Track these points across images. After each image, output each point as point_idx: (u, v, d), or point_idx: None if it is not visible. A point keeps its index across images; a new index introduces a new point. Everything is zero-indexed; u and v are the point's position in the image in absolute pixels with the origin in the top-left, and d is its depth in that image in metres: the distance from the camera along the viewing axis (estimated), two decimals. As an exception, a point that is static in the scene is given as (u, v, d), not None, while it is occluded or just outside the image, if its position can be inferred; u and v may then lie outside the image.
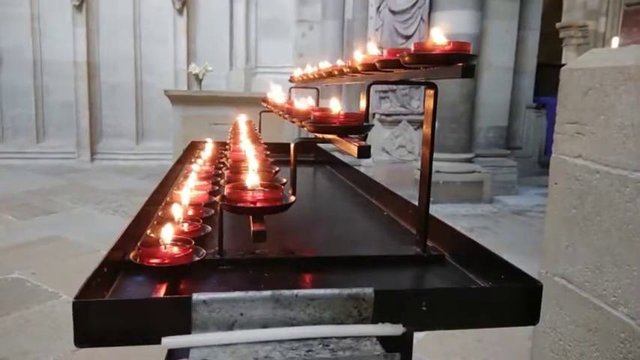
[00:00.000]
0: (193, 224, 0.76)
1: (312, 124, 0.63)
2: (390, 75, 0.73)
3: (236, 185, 0.65)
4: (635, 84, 1.56)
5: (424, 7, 4.94)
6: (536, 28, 5.86)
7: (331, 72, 1.07)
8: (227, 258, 0.70)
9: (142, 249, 0.64)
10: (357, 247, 0.83)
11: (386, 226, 0.95)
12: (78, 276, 0.60)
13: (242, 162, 0.85)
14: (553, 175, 1.97)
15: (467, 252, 0.74)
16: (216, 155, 1.40)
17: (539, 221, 4.56)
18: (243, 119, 1.59)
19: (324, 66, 1.19)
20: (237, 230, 0.76)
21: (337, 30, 5.61)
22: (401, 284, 0.69)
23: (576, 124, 1.82)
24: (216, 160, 1.32)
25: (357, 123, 0.62)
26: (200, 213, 0.83)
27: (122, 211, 4.62)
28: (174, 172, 1.34)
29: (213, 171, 1.16)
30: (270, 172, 0.78)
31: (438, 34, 0.61)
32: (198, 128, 5.78)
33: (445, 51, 0.60)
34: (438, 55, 0.60)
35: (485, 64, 5.36)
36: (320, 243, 0.82)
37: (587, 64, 1.79)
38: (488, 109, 5.51)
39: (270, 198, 0.60)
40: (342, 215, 1.07)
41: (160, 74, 6.63)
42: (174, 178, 1.27)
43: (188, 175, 1.04)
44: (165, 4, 6.47)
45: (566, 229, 1.87)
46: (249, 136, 1.17)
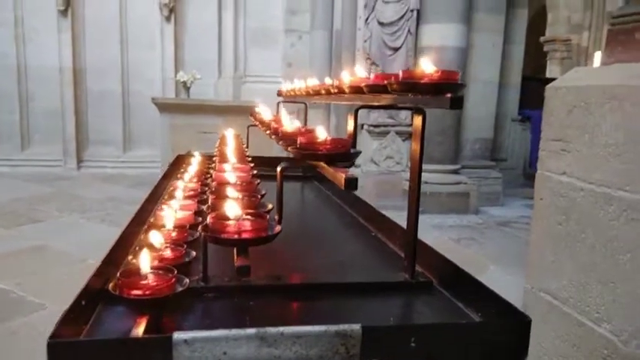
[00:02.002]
0: (177, 250, 0.74)
1: (298, 150, 0.62)
2: (377, 98, 0.73)
3: (219, 215, 0.64)
4: (620, 103, 1.58)
5: (412, 20, 4.98)
6: (521, 42, 5.96)
7: (319, 90, 1.06)
8: (211, 286, 0.68)
9: (122, 279, 0.62)
10: (345, 271, 0.82)
11: (374, 248, 0.95)
12: (64, 286, 0.59)
13: (227, 185, 0.84)
14: (538, 191, 1.99)
15: (455, 279, 0.74)
16: (202, 170, 1.39)
17: (524, 232, 4.60)
18: (230, 133, 1.58)
19: (312, 82, 1.18)
20: (222, 253, 0.74)
21: (326, 40, 5.63)
22: (390, 314, 0.68)
23: (561, 141, 1.84)
24: (203, 176, 1.31)
25: (343, 150, 0.61)
26: (185, 236, 0.81)
27: (109, 220, 4.56)
28: (160, 188, 1.33)
29: (199, 188, 1.15)
30: (255, 197, 0.77)
31: (426, 63, 0.61)
32: (186, 136, 5.76)
33: (433, 80, 0.60)
34: (426, 84, 0.60)
35: (472, 78, 5.41)
36: (307, 267, 0.81)
37: (572, 82, 1.81)
38: (474, 121, 5.57)
39: (255, 228, 0.59)
40: (330, 236, 1.06)
41: (148, 81, 6.58)
42: (160, 194, 1.25)
43: (173, 193, 1.03)
44: (153, 11, 6.44)
45: (551, 245, 1.88)
46: (236, 154, 1.16)
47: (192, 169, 1.27)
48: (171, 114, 5.82)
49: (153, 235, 0.73)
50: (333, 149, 0.60)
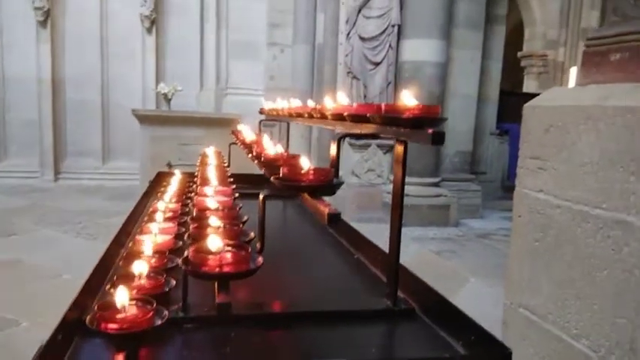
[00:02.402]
0: (156, 278, 0.73)
1: (281, 181, 0.62)
2: (360, 127, 0.74)
3: (200, 248, 0.63)
4: (594, 123, 1.62)
5: (392, 35, 5.04)
6: (499, 58, 6.08)
7: (301, 113, 1.07)
8: (191, 316, 0.67)
9: (99, 312, 0.60)
10: (327, 297, 0.81)
11: (356, 271, 0.95)
12: (39, 302, 0.57)
13: (208, 211, 0.83)
14: (516, 207, 2.01)
15: (437, 306, 0.74)
16: (183, 189, 1.38)
17: (503, 245, 4.65)
18: (211, 150, 1.57)
19: (295, 103, 1.19)
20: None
21: (308, 54, 5.66)
22: (372, 344, 0.68)
23: (538, 159, 1.87)
24: (183, 195, 1.30)
25: (326, 182, 0.61)
26: (164, 263, 0.80)
27: (86, 233, 4.48)
28: (140, 207, 1.31)
29: (179, 209, 1.14)
30: (237, 225, 0.77)
31: (408, 96, 0.62)
32: (166, 148, 5.71)
33: (415, 115, 0.60)
34: (408, 119, 0.61)
35: (452, 92, 5.50)
36: (289, 292, 0.81)
37: (549, 102, 1.85)
38: (454, 134, 5.64)
39: (236, 261, 0.58)
40: (312, 258, 1.06)
41: (128, 93, 6.53)
42: (140, 212, 1.24)
43: (153, 215, 1.01)
44: (134, 22, 6.40)
45: (529, 262, 1.91)
46: (217, 174, 1.15)
47: (172, 188, 1.26)
48: (152, 126, 5.77)
49: (131, 264, 0.72)
50: (316, 181, 0.60)
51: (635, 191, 1.47)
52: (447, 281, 3.66)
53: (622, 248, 1.50)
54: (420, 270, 3.25)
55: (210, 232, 0.69)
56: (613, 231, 1.53)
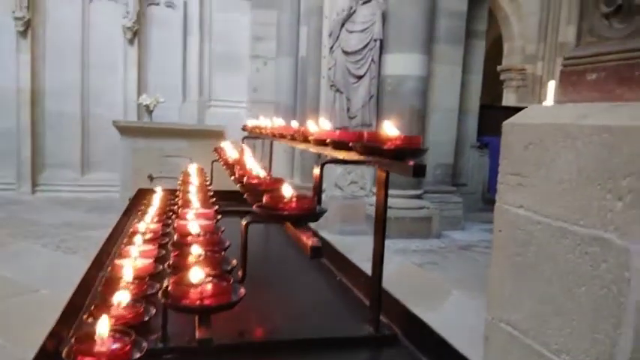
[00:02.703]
0: (135, 307, 0.72)
1: (263, 210, 0.62)
2: (342, 153, 0.74)
3: (180, 279, 0.62)
4: (572, 142, 1.65)
5: (375, 50, 5.09)
6: (479, 72, 6.19)
7: (284, 135, 1.07)
8: (171, 346, 0.66)
9: (77, 345, 0.59)
10: (310, 323, 0.81)
11: (339, 294, 0.95)
12: (15, 318, 0.55)
13: (189, 237, 0.82)
14: (497, 223, 2.04)
15: (419, 332, 0.74)
16: (164, 207, 1.36)
17: (485, 257, 4.70)
18: (193, 168, 1.56)
19: (278, 123, 1.19)
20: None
21: (291, 66, 5.68)
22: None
23: (518, 175, 1.90)
24: (164, 215, 1.29)
25: (309, 211, 0.61)
26: (144, 289, 0.79)
27: (65, 246, 4.40)
28: (121, 226, 1.29)
29: (160, 229, 1.13)
30: (219, 251, 0.76)
31: (389, 127, 0.62)
32: (148, 160, 5.66)
33: (396, 146, 0.61)
34: (389, 150, 0.61)
35: (433, 106, 5.57)
36: (271, 318, 0.80)
37: (528, 119, 1.88)
38: (435, 147, 5.70)
39: (217, 293, 0.58)
40: (295, 281, 1.06)
41: (109, 104, 6.46)
42: (120, 232, 1.22)
43: (133, 237, 1.00)
44: (116, 33, 6.36)
45: (510, 277, 1.92)
46: (199, 195, 1.14)
47: (152, 207, 1.24)
48: (133, 137, 5.71)
49: (110, 291, 0.71)
50: (299, 210, 0.60)
51: (612, 209, 1.49)
52: (430, 294, 3.68)
53: (600, 265, 1.52)
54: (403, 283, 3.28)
55: (191, 262, 0.68)
56: (591, 247, 1.56)
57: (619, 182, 1.47)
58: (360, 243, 4.72)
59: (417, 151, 0.61)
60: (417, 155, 0.61)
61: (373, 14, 5.02)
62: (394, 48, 5.09)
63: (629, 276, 1.41)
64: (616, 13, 1.74)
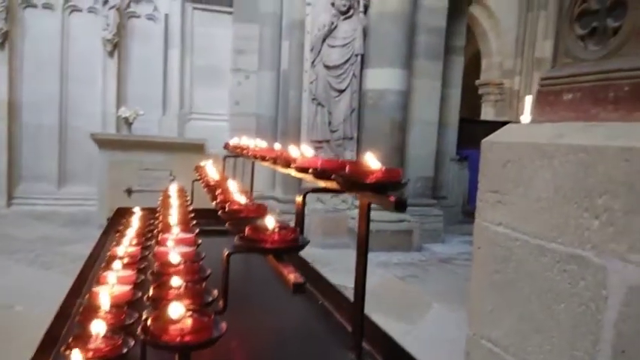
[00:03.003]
0: (113, 339, 0.70)
1: (245, 242, 0.62)
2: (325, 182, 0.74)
3: (159, 315, 0.61)
4: (549, 161, 1.68)
5: (356, 64, 5.14)
6: (458, 86, 6.30)
7: (265, 157, 1.07)
8: (151, 381, 0.65)
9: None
10: (292, 350, 0.80)
11: (321, 320, 0.94)
12: None
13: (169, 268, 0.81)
14: (477, 239, 2.06)
15: (401, 359, 0.74)
16: (143, 228, 1.34)
17: (465, 269, 4.74)
18: (174, 188, 1.54)
19: (260, 144, 1.19)
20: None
21: (273, 80, 5.69)
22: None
23: (497, 193, 1.92)
24: (143, 237, 1.27)
25: (291, 243, 0.61)
26: (122, 319, 0.77)
27: (40, 261, 4.31)
28: (98, 248, 1.27)
29: (139, 253, 1.11)
30: (200, 282, 0.75)
31: (371, 158, 0.63)
32: (126, 173, 5.59)
33: (377, 179, 0.61)
34: (371, 184, 0.61)
35: (413, 119, 5.64)
36: (252, 347, 0.79)
37: (506, 137, 1.91)
38: (416, 160, 5.76)
39: (198, 329, 0.57)
40: (276, 307, 1.05)
41: (87, 117, 6.38)
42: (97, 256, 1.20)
43: (111, 263, 0.98)
44: (96, 45, 6.31)
45: (490, 293, 1.94)
46: (180, 217, 1.13)
47: (131, 230, 1.23)
48: (112, 150, 5.64)
49: (88, 321, 0.69)
50: (281, 242, 0.60)
51: (589, 227, 1.52)
52: (412, 307, 3.70)
53: (578, 282, 1.54)
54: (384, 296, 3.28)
55: (171, 294, 0.67)
56: (569, 265, 1.58)
57: (595, 201, 1.50)
58: (342, 256, 4.74)
59: (397, 184, 0.62)
60: (398, 188, 0.61)
61: (354, 30, 5.08)
62: (375, 63, 5.15)
63: (606, 294, 1.43)
64: (591, 35, 1.78)
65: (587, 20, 1.80)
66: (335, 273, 4.46)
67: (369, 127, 5.30)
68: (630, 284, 1.35)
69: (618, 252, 1.41)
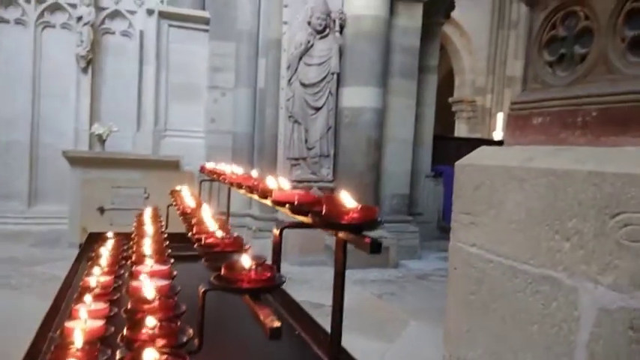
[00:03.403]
0: (86, 380, 0.69)
1: (220, 282, 0.61)
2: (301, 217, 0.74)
3: (133, 358, 0.60)
4: (520, 184, 1.72)
5: (332, 82, 5.19)
6: (431, 104, 6.42)
7: (240, 185, 1.07)
8: None
9: None
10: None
11: (297, 352, 0.93)
12: None
13: (143, 305, 0.79)
14: (452, 260, 2.08)
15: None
16: (116, 256, 1.32)
17: (441, 285, 4.77)
18: (148, 213, 1.52)
19: (237, 171, 1.18)
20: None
21: (250, 97, 5.70)
22: None
23: (470, 214, 1.96)
24: (116, 264, 1.24)
25: (268, 283, 0.61)
26: (95, 357, 0.76)
27: (9, 284, 4.18)
28: (70, 277, 1.24)
29: (112, 283, 1.09)
30: (175, 320, 0.74)
31: (346, 196, 0.64)
32: (99, 191, 5.48)
33: (353, 220, 0.62)
34: (347, 224, 0.62)
35: (389, 137, 5.71)
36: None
37: (478, 161, 1.95)
38: (391, 177, 5.82)
39: (172, 373, 0.56)
40: (253, 340, 1.03)
41: (60, 134, 6.26)
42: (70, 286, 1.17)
43: (83, 295, 0.96)
44: (69, 61, 6.22)
45: (465, 314, 1.96)
46: (154, 247, 1.12)
47: (103, 259, 1.20)
48: (84, 168, 5.53)
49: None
50: (257, 282, 0.60)
51: (560, 249, 1.56)
52: (389, 325, 3.70)
53: (551, 303, 1.57)
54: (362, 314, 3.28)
55: (145, 335, 0.66)
56: (541, 286, 1.61)
57: (565, 223, 1.54)
58: (320, 273, 4.73)
59: (373, 223, 0.63)
60: (373, 227, 0.62)
61: (330, 49, 5.14)
62: (351, 81, 5.21)
63: (578, 315, 1.46)
64: (559, 61, 1.84)
65: (555, 47, 1.86)
66: (312, 291, 4.47)
67: (346, 144, 5.34)
68: (601, 306, 1.38)
69: (589, 274, 1.44)
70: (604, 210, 1.40)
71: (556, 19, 1.83)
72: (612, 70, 1.62)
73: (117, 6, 6.39)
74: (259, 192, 0.95)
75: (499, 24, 9.75)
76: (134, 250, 1.17)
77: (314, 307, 3.81)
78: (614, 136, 1.54)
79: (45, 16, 6.23)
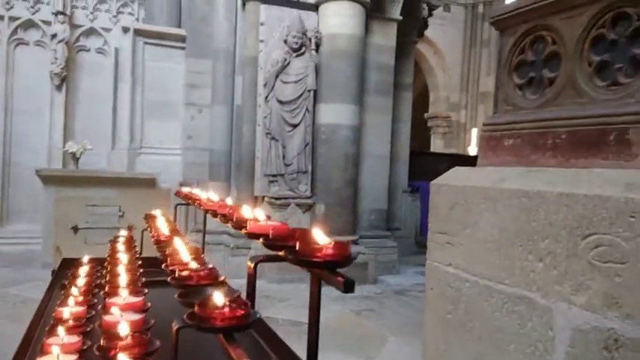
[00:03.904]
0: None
1: (194, 321, 0.61)
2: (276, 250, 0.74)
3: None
4: (493, 204, 1.75)
5: (309, 99, 5.23)
6: (407, 121, 6.52)
7: (216, 213, 1.06)
8: None
9: None
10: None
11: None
12: None
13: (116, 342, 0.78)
14: (429, 280, 2.10)
15: None
16: (90, 284, 1.30)
17: (419, 301, 4.78)
18: (122, 238, 1.50)
19: (212, 197, 1.18)
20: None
21: (227, 114, 5.68)
22: None
23: (446, 234, 1.98)
24: (90, 293, 1.22)
25: (243, 322, 0.61)
26: (68, 396, 0.74)
27: (-20, 305, 4.05)
28: (43, 306, 1.21)
29: (85, 313, 1.07)
30: (148, 358, 0.73)
31: (319, 234, 0.64)
32: (73, 210, 5.38)
33: (326, 257, 0.62)
34: (321, 262, 0.63)
35: (366, 153, 5.76)
36: None
37: (453, 181, 1.98)
38: (369, 193, 5.86)
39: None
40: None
41: (32, 151, 6.15)
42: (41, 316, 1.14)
43: (56, 327, 0.94)
44: (44, 78, 6.13)
45: (442, 334, 1.98)
46: (128, 277, 1.10)
47: (76, 290, 1.17)
48: (58, 186, 5.42)
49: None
50: (232, 320, 0.59)
51: (534, 269, 1.59)
52: (368, 342, 3.70)
53: (526, 323, 1.60)
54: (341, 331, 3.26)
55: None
56: (517, 306, 1.64)
57: (538, 244, 1.57)
58: (298, 290, 4.70)
59: (346, 261, 0.63)
60: (346, 264, 0.63)
61: (306, 67, 5.18)
62: (328, 98, 5.25)
63: (553, 335, 1.49)
64: (529, 84, 1.90)
65: (524, 70, 1.92)
66: (291, 309, 4.43)
67: (323, 160, 5.36)
68: (575, 326, 1.41)
69: (562, 294, 1.47)
70: (575, 231, 1.44)
71: (525, 44, 1.89)
72: (580, 93, 1.67)
73: (92, 23, 6.35)
74: (234, 222, 0.95)
75: (471, 42, 10.01)
76: (107, 279, 1.15)
77: (292, 326, 3.80)
78: (584, 158, 1.59)
79: (18, 33, 6.16)
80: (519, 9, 1.87)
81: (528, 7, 1.83)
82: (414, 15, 6.44)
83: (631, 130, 1.44)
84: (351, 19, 5.21)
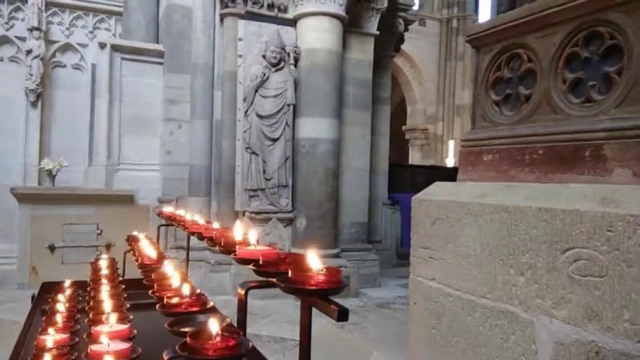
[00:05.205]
0: None
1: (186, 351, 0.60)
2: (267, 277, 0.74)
3: None
4: (475, 219, 1.78)
5: (289, 114, 5.25)
6: (386, 134, 6.59)
7: (202, 236, 1.06)
8: None
9: None
10: None
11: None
12: None
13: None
14: (412, 295, 2.11)
15: None
16: (72, 308, 1.27)
17: (402, 313, 4.80)
18: (104, 262, 1.48)
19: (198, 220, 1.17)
20: None
21: (206, 129, 5.65)
22: None
23: (428, 249, 2.00)
24: (72, 319, 1.20)
25: (235, 351, 0.61)
26: None
27: (-49, 329, 3.91)
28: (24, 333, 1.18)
29: (68, 340, 1.04)
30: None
31: (313, 257, 0.64)
32: (50, 228, 5.27)
33: (318, 284, 0.63)
34: (313, 290, 0.63)
35: (346, 167, 5.79)
36: None
37: (434, 196, 2.01)
38: (350, 206, 5.88)
39: None
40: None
41: (7, 169, 6.00)
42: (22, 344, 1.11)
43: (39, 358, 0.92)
44: (18, 95, 6.01)
45: (427, 349, 1.99)
46: (112, 303, 1.08)
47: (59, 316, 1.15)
48: (33, 204, 5.31)
49: None
50: (225, 350, 0.59)
51: (516, 283, 1.61)
52: (352, 357, 3.69)
53: (509, 337, 1.62)
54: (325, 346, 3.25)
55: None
56: (500, 320, 1.66)
57: (519, 258, 1.60)
58: (282, 306, 4.67)
59: (338, 288, 0.64)
60: (339, 291, 0.63)
61: (285, 81, 5.21)
62: (307, 112, 5.28)
63: (535, 348, 1.51)
64: (505, 101, 1.94)
65: (501, 87, 1.96)
66: (274, 325, 4.40)
67: (304, 174, 5.37)
68: (557, 339, 1.43)
69: (544, 308, 1.49)
70: (555, 245, 1.47)
71: (501, 61, 1.94)
72: (556, 110, 1.72)
73: (68, 39, 6.27)
74: (222, 246, 0.95)
75: (447, 56, 10.20)
76: (91, 305, 1.13)
77: (276, 342, 3.77)
78: (561, 173, 1.63)
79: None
80: (494, 27, 1.93)
81: (503, 25, 1.88)
82: (390, 30, 6.54)
83: (605, 145, 1.49)
84: (329, 34, 5.26)
